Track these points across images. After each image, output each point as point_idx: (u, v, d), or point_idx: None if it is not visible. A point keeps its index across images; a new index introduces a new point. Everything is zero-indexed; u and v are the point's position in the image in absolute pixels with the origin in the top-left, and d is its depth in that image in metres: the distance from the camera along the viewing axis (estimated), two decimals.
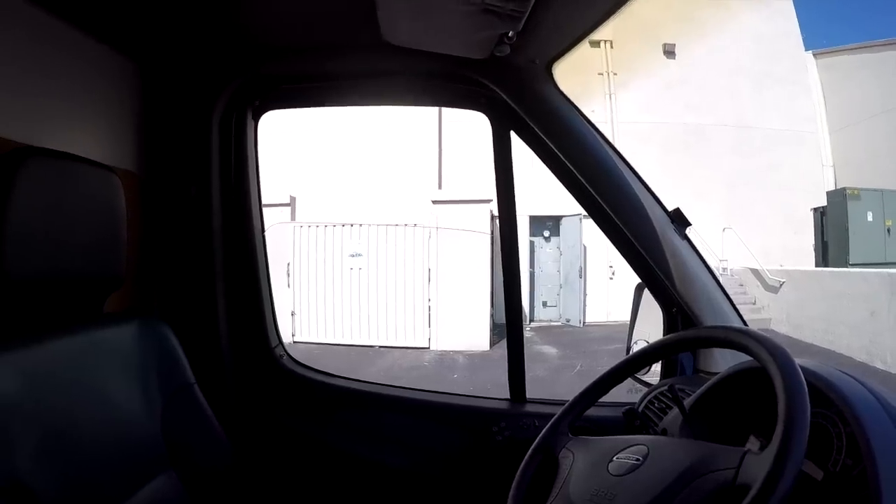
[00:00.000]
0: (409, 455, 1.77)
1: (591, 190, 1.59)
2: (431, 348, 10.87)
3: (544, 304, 13.99)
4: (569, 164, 1.59)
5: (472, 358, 9.99)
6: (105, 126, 1.64)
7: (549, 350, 10.67)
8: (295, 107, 1.95)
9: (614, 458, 0.97)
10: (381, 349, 10.81)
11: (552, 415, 1.17)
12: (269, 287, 1.94)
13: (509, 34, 1.33)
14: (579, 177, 1.59)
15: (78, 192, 1.18)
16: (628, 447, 0.98)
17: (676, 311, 1.60)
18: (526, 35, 1.34)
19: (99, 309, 1.30)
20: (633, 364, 1.19)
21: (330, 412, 1.87)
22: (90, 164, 1.23)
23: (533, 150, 1.68)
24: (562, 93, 1.59)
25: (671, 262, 1.55)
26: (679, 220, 1.59)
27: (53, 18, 1.42)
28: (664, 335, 1.63)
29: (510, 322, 1.85)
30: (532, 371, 8.60)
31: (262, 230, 1.93)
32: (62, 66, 1.48)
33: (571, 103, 1.59)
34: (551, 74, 1.58)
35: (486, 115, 1.73)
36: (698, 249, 1.60)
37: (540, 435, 1.15)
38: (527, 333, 12.60)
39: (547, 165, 1.68)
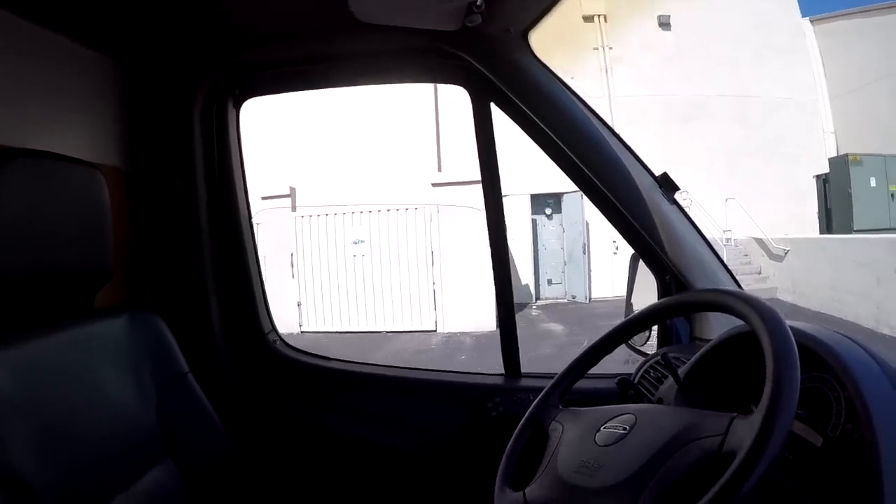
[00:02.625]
0: (405, 434, 1.78)
1: (574, 158, 1.56)
2: (438, 331, 10.91)
3: (549, 281, 14.00)
4: (550, 133, 1.56)
5: (479, 339, 9.99)
6: (90, 124, 1.66)
7: (556, 327, 10.70)
8: (276, 92, 1.93)
9: (601, 429, 0.94)
10: (389, 334, 10.83)
11: None
12: (259, 274, 1.94)
13: (477, 2, 1.31)
14: (562, 145, 1.56)
15: (61, 189, 1.19)
16: (616, 416, 0.95)
17: (670, 279, 1.57)
18: (495, 3, 1.33)
19: (89, 304, 1.31)
20: (623, 332, 1.15)
21: (326, 395, 1.88)
22: (73, 162, 1.23)
23: (514, 120, 1.65)
24: (540, 61, 1.56)
25: (661, 229, 1.52)
26: (667, 185, 1.55)
27: (32, 24, 1.44)
28: None
29: (500, 297, 1.84)
30: (539, 349, 8.55)
31: (249, 218, 1.93)
32: (44, 68, 1.50)
33: (550, 71, 1.56)
34: (528, 43, 1.55)
35: (465, 89, 1.71)
36: (688, 213, 1.56)
37: (530, 408, 1.13)
38: (533, 311, 12.63)
39: (529, 136, 1.65)
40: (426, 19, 1.45)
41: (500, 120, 1.71)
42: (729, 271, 1.56)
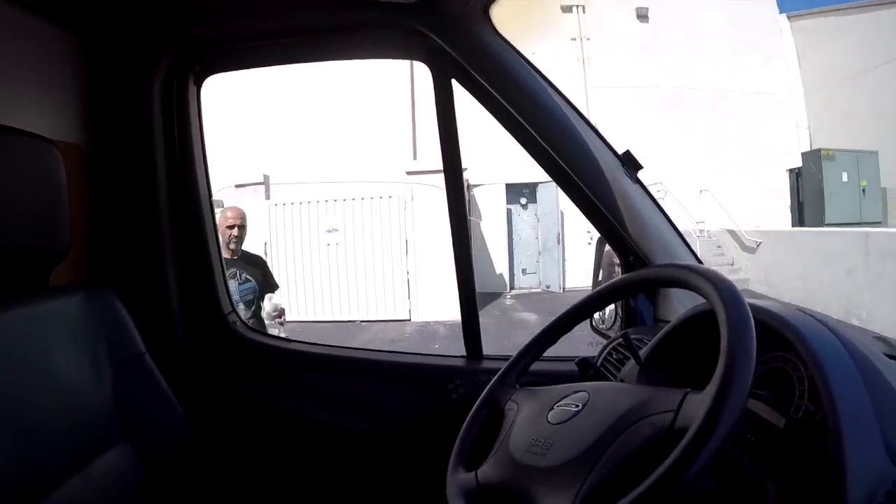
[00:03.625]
0: (366, 416, 1.76)
1: (536, 135, 1.54)
2: (412, 320, 10.96)
3: (524, 271, 14.10)
4: (511, 109, 1.54)
5: (454, 328, 10.00)
6: (47, 100, 1.60)
7: (530, 317, 10.80)
8: (236, 69, 1.90)
9: (555, 407, 0.92)
10: (363, 324, 10.85)
11: None
12: (219, 254, 1.91)
13: None
14: (523, 122, 1.54)
15: (13, 164, 1.14)
16: (570, 394, 0.93)
17: (633, 259, 1.56)
18: None
19: (44, 282, 1.27)
20: (581, 311, 1.14)
21: (286, 377, 1.85)
22: (26, 136, 1.18)
23: (475, 96, 1.63)
24: (501, 36, 1.52)
25: (623, 209, 1.51)
26: (630, 163, 1.53)
27: None
28: None
29: (461, 280, 1.82)
30: (513, 339, 8.58)
31: (210, 196, 1.90)
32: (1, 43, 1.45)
33: (512, 47, 1.53)
34: (489, 17, 1.51)
35: (426, 65, 1.68)
36: (651, 193, 1.55)
37: (486, 388, 1.11)
38: (507, 301, 12.72)
39: (490, 112, 1.63)
40: None
41: (478, 110, 1.68)
42: (693, 251, 1.55)
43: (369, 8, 1.50)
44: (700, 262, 1.51)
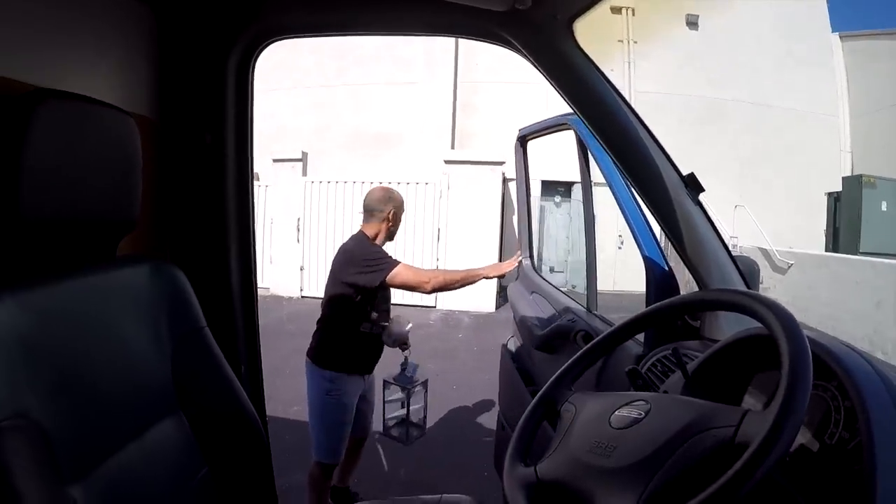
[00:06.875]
0: None
1: (607, 149, 1.58)
2: (437, 308, 10.91)
3: (551, 269, 13.96)
4: (584, 121, 1.58)
5: (478, 318, 10.07)
6: (120, 71, 1.62)
7: None
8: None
9: (616, 412, 0.98)
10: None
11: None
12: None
13: None
14: (595, 134, 1.58)
15: (93, 134, 1.18)
16: (630, 402, 0.99)
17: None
18: None
19: (112, 252, 1.31)
20: (640, 323, 1.19)
21: None
22: (106, 107, 1.23)
23: None
24: (582, 50, 1.55)
25: (683, 227, 1.54)
26: (693, 185, 1.57)
27: None
28: None
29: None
30: None
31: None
32: (77, 10, 1.44)
33: (591, 61, 1.55)
34: (572, 31, 1.52)
35: None
36: (710, 215, 1.59)
37: (543, 389, 1.16)
38: None
39: None
40: None
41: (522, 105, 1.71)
42: (743, 277, 1.57)
43: (456, 10, 1.49)
44: (750, 287, 1.56)
